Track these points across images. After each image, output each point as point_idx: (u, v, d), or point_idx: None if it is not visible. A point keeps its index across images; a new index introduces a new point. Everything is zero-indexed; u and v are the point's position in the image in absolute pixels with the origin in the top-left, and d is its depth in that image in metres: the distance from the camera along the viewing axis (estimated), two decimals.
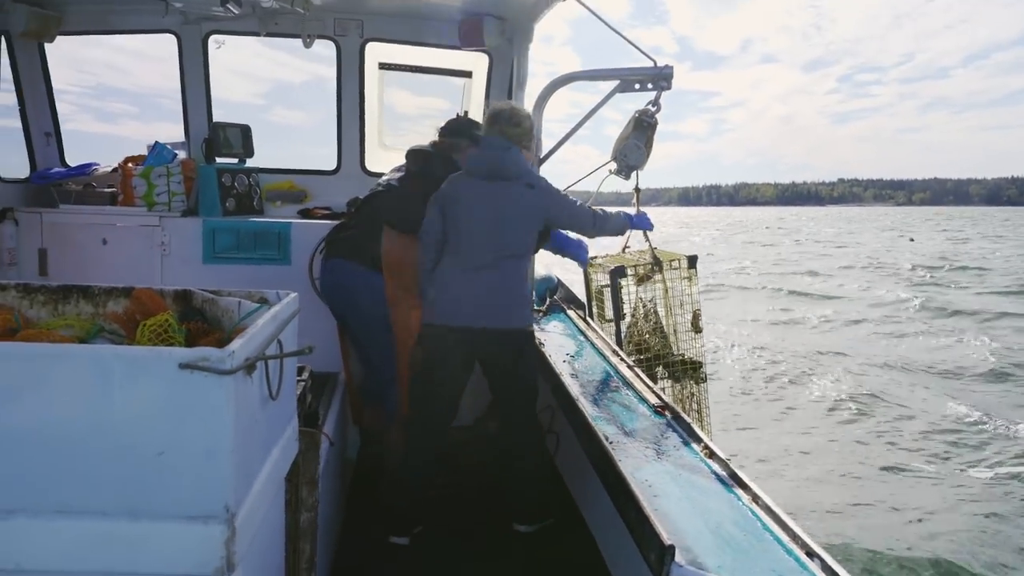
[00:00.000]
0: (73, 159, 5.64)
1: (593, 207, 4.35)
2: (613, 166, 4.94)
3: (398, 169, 4.70)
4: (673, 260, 5.06)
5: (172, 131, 5.64)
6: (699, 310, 5.22)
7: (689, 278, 5.12)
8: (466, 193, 4.06)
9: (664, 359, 5.13)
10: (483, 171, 4.05)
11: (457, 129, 4.64)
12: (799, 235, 69.00)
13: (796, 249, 46.84)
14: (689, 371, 5.23)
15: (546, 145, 5.11)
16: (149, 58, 5.75)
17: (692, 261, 5.11)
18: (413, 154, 4.65)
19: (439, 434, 4.13)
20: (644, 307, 5.24)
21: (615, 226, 4.47)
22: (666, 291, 5.15)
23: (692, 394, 5.26)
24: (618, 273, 5.03)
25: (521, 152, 4.12)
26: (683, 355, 5.25)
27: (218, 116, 5.54)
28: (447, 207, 4.07)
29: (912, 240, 61.70)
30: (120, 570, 1.71)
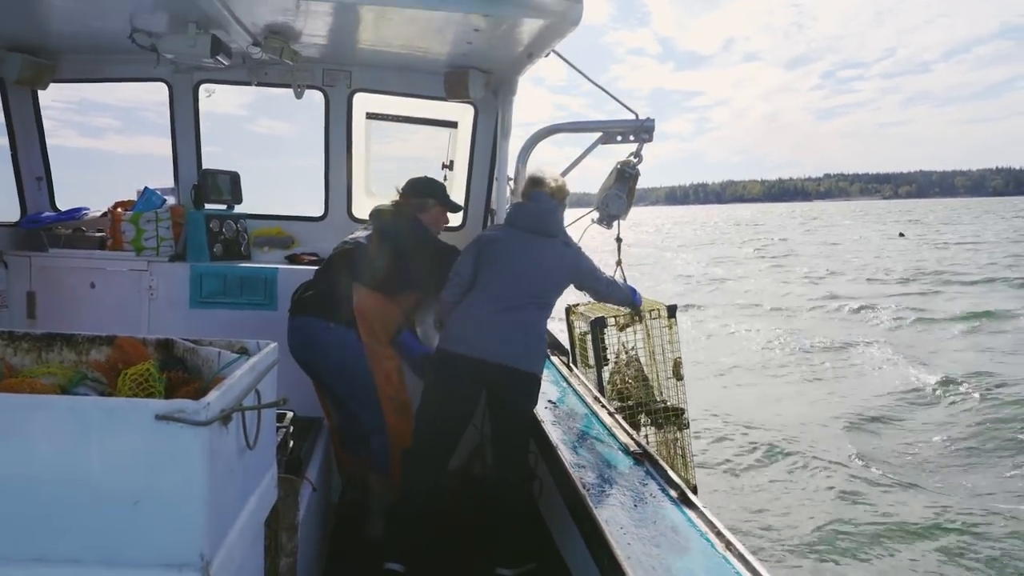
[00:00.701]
0: (59, 174, 5.69)
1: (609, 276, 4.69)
2: (595, 215, 5.04)
3: (364, 228, 4.80)
4: (653, 309, 5.13)
5: (155, 145, 5.70)
6: (679, 358, 5.28)
7: (669, 327, 5.18)
8: (508, 240, 4.30)
9: (646, 406, 5.17)
10: (528, 224, 4.30)
11: (421, 189, 4.81)
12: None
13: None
14: (672, 418, 5.27)
15: None
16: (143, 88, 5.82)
17: (671, 310, 5.19)
18: (379, 214, 4.78)
19: (441, 462, 4.27)
20: (626, 354, 5.30)
21: (621, 296, 4.69)
22: (648, 338, 5.21)
23: (675, 439, 5.30)
24: (599, 324, 5.11)
25: (562, 211, 4.41)
26: (665, 402, 5.29)
27: (204, 130, 5.61)
28: (485, 249, 4.30)
29: (902, 235, 62.04)
30: None
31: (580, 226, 5.08)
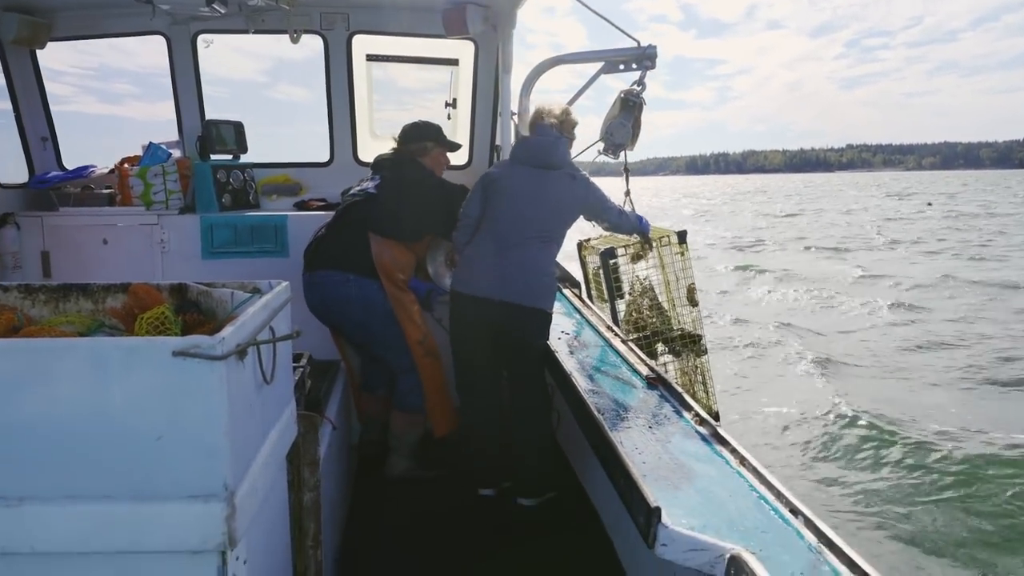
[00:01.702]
0: (79, 140, 5.73)
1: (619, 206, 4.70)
2: (600, 146, 5.03)
3: (371, 178, 4.80)
4: (663, 236, 5.12)
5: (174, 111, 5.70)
6: (693, 284, 5.30)
7: (681, 253, 5.19)
8: (511, 177, 4.29)
9: (663, 335, 5.21)
10: (530, 159, 4.28)
11: (418, 134, 4.80)
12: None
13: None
14: (689, 344, 5.31)
15: None
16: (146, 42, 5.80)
17: (682, 236, 5.19)
18: (382, 162, 4.79)
19: (485, 393, 4.43)
20: (640, 285, 5.32)
21: (631, 226, 4.71)
22: (662, 267, 5.22)
23: (695, 367, 5.34)
24: (608, 255, 5.12)
25: (567, 143, 4.38)
26: (682, 329, 5.32)
27: (220, 96, 5.61)
28: (489, 189, 4.31)
29: (930, 205, 61.65)
30: (127, 549, 1.80)
31: (587, 157, 5.08)
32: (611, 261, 5.13)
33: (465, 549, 3.97)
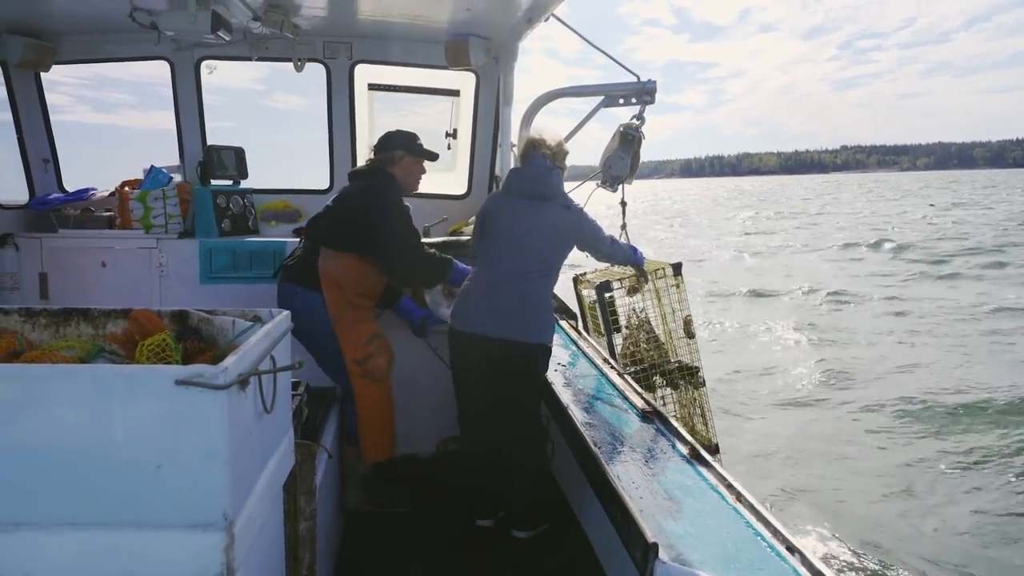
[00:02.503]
0: (74, 152, 5.74)
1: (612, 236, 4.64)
2: (599, 179, 5.06)
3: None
4: (658, 269, 5.13)
5: (170, 120, 5.73)
6: (689, 316, 5.30)
7: (677, 285, 5.19)
8: (504, 209, 4.24)
9: (660, 367, 5.19)
10: (524, 189, 4.23)
11: (388, 143, 4.66)
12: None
13: None
14: (686, 376, 5.29)
15: None
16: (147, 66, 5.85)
17: (677, 268, 5.20)
18: (352, 175, 4.74)
19: (483, 427, 4.38)
20: (637, 318, 5.30)
21: (624, 256, 4.67)
22: (659, 300, 5.22)
23: (694, 399, 5.32)
24: (604, 288, 5.12)
25: (559, 173, 4.32)
26: (679, 361, 5.31)
27: (215, 104, 5.65)
28: (483, 220, 4.28)
29: (932, 205, 61.89)
30: None
31: (584, 191, 5.09)
32: (607, 295, 5.12)
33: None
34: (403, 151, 4.60)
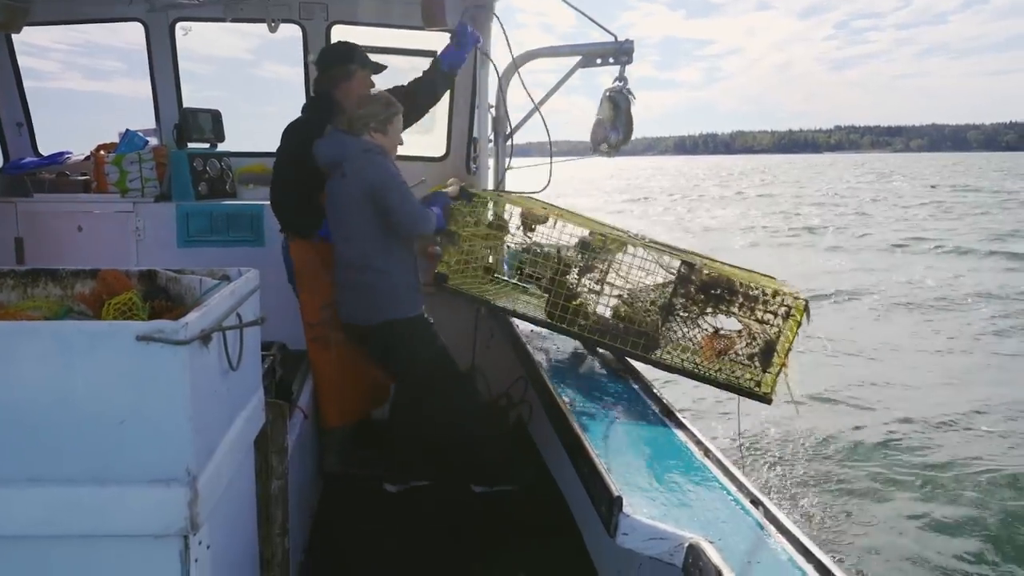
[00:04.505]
0: (67, 119, 5.69)
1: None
2: (598, 147, 5.03)
3: None
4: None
5: None
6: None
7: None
8: (327, 194, 4.11)
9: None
10: (327, 169, 4.06)
11: (333, 56, 4.48)
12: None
13: None
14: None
15: (515, 118, 5.25)
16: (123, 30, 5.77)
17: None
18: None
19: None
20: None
21: (431, 225, 4.08)
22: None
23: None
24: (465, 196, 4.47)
25: (353, 138, 3.99)
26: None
27: (207, 74, 5.60)
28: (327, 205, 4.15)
29: (934, 187, 61.95)
30: (89, 533, 1.81)
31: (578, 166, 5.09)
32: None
33: (435, 540, 3.99)
34: (358, 65, 4.45)
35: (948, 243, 25.55)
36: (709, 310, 3.83)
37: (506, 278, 4.72)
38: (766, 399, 3.68)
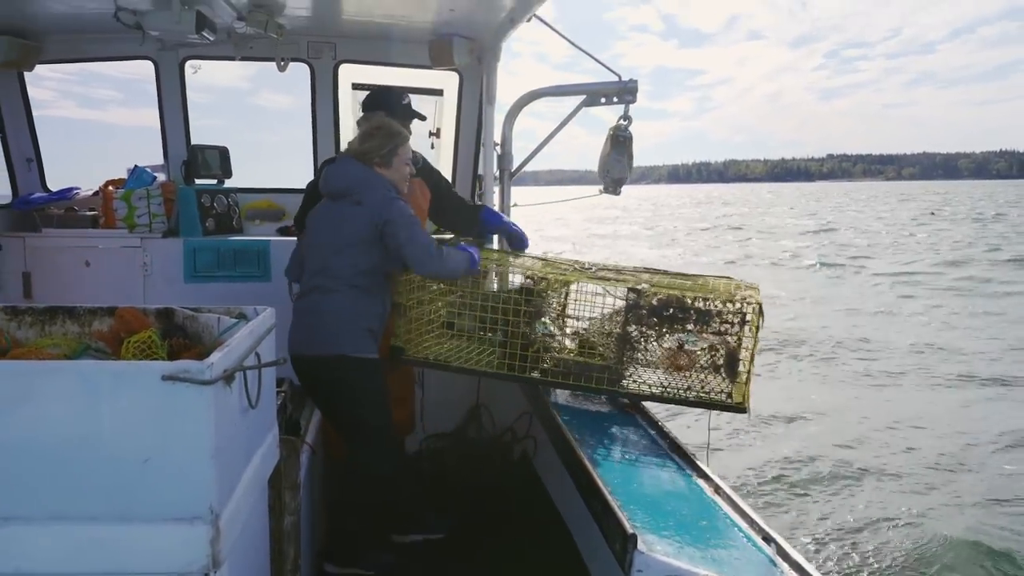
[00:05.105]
0: (61, 147, 5.73)
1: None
2: (601, 186, 5.10)
3: None
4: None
5: (157, 118, 5.71)
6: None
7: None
8: (315, 215, 4.00)
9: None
10: (326, 190, 3.98)
11: (371, 104, 4.60)
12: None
13: None
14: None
15: (518, 158, 5.31)
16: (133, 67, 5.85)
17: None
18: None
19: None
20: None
21: (456, 264, 3.91)
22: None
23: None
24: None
25: (363, 167, 3.92)
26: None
27: (204, 102, 5.66)
28: (308, 230, 4.05)
29: (933, 214, 62.29)
30: (113, 571, 1.83)
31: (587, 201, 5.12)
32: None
33: (443, 573, 3.98)
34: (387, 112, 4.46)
35: None
36: (665, 331, 3.76)
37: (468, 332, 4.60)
38: (740, 409, 3.60)
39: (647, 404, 3.95)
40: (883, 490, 8.03)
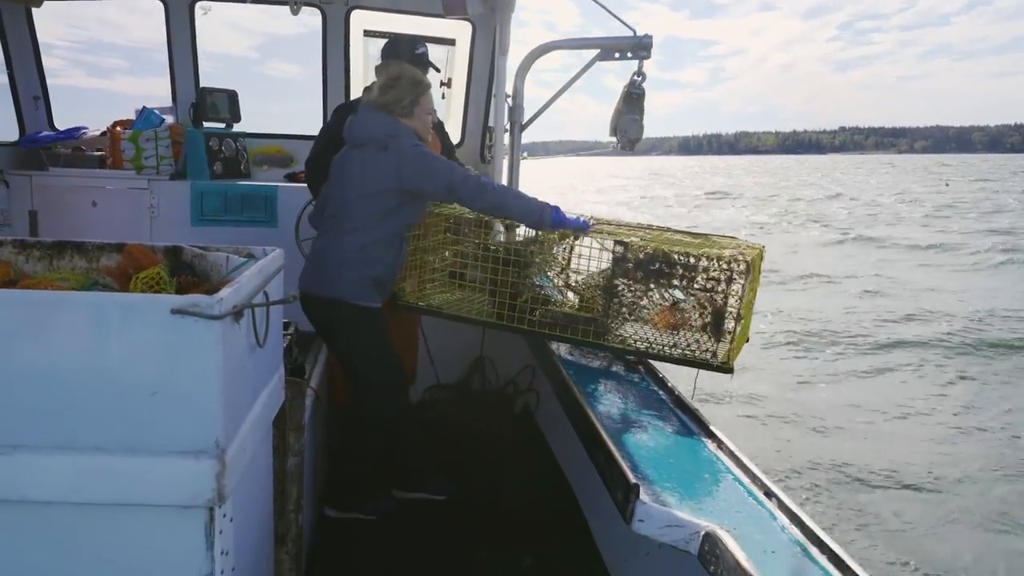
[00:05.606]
0: (69, 114, 5.72)
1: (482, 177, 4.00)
2: (616, 144, 5.05)
3: None
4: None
5: (165, 86, 5.71)
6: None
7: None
8: (339, 162, 3.97)
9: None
10: (349, 139, 3.95)
11: (389, 52, 4.58)
12: None
13: None
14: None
15: (529, 110, 5.26)
16: (140, 12, 5.80)
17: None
18: None
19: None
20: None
21: (512, 205, 3.84)
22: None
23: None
24: None
25: (387, 117, 3.86)
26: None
27: (214, 70, 5.62)
28: (331, 177, 4.02)
29: (947, 184, 61.74)
30: (118, 501, 1.84)
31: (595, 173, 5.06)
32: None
33: (439, 528, 4.02)
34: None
35: None
36: (652, 286, 3.68)
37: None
38: (725, 369, 3.50)
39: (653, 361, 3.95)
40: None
